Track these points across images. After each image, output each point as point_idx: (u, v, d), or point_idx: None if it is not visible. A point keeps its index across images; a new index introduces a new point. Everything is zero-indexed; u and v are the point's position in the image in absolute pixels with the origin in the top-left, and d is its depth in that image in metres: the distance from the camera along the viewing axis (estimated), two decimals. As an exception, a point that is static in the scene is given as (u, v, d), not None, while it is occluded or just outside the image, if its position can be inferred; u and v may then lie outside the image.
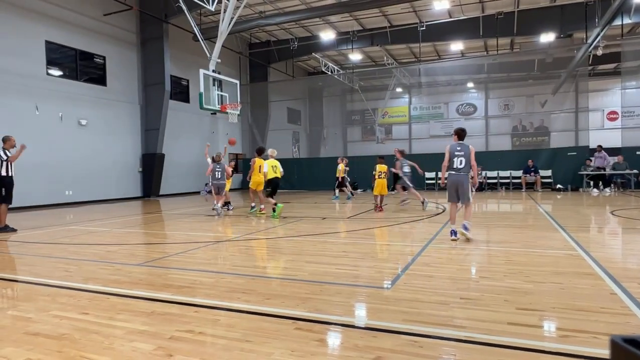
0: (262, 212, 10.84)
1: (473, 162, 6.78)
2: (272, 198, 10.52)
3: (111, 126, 17.06)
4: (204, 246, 6.71)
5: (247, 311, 3.50)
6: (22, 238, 7.90)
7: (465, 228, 6.64)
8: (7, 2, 13.58)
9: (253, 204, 11.53)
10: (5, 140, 8.76)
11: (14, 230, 8.85)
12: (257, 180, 10.79)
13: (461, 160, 6.72)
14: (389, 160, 12.94)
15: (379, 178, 11.24)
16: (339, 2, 17.88)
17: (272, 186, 10.69)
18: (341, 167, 15.65)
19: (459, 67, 25.57)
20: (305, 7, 19.40)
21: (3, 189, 8.61)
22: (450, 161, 6.79)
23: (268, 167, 10.49)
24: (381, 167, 11.37)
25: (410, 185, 12.41)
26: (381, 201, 11.52)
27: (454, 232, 6.68)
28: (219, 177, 11.15)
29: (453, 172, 6.82)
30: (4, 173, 8.58)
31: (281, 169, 10.83)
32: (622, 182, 17.68)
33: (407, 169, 12.57)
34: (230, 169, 12.28)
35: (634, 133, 22.38)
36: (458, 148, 6.74)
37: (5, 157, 8.54)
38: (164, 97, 18.02)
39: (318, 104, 30.27)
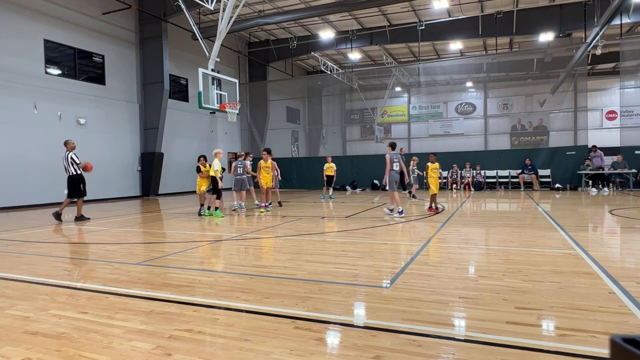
0: (262, 209, 11.47)
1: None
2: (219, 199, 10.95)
3: (110, 125, 17.03)
4: (203, 245, 6.71)
5: (246, 310, 3.50)
6: (21, 237, 7.89)
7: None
8: (6, 1, 13.54)
9: (269, 202, 11.96)
10: (66, 144, 10.30)
11: (88, 219, 10.34)
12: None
13: (397, 164, 10.24)
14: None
15: (432, 176, 10.65)
16: (338, 1, 17.86)
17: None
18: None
19: (458, 67, 25.58)
20: (304, 6, 19.39)
21: (81, 185, 10.15)
22: (392, 164, 10.05)
23: (219, 167, 10.82)
24: (434, 165, 10.73)
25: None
26: (433, 201, 10.81)
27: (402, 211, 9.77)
28: (241, 172, 11.93)
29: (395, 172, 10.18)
30: (78, 172, 10.10)
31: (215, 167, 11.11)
32: (620, 181, 17.72)
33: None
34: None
35: (633, 132, 22.42)
36: (395, 157, 10.20)
37: (79, 161, 10.12)
38: (162, 96, 18.00)
39: (317, 103, 30.27)
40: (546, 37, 19.97)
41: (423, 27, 20.69)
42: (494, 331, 2.92)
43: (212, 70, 13.37)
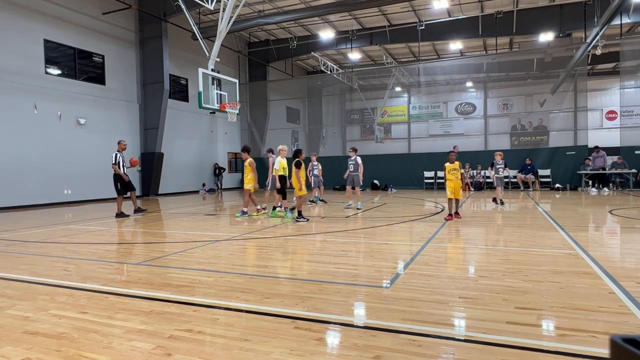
0: (259, 212, 10.78)
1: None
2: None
3: (110, 125, 17.03)
4: (203, 245, 6.71)
5: (246, 310, 3.50)
6: (21, 237, 7.89)
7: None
8: (6, 1, 13.54)
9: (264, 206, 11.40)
10: (118, 143, 11.15)
11: (145, 210, 11.31)
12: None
13: (281, 168, 10.56)
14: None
15: (449, 179, 9.07)
16: (338, 1, 17.86)
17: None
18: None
19: (458, 67, 25.59)
20: (304, 6, 19.39)
21: (118, 184, 10.93)
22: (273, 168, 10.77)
23: (280, 165, 10.48)
24: (452, 165, 9.05)
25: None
26: (456, 206, 9.26)
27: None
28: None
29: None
30: (115, 171, 10.89)
31: (276, 166, 10.79)
32: (620, 181, 17.72)
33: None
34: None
35: (633, 132, 22.41)
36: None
37: (114, 161, 10.81)
38: (163, 96, 18.00)
39: (317, 103, 30.28)
40: (546, 37, 19.97)
41: (423, 27, 20.68)
42: (494, 331, 2.92)
43: (212, 70, 13.37)
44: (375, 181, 20.92)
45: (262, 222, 9.52)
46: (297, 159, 9.45)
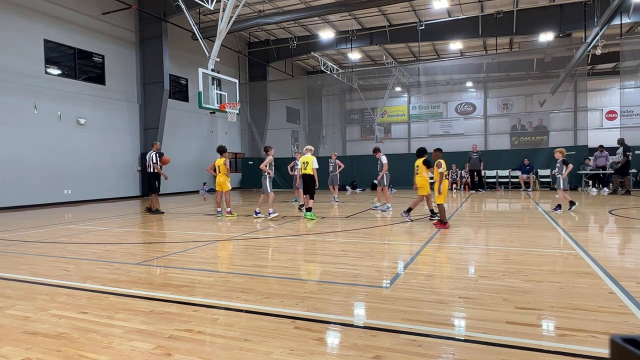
0: (229, 214, 10.58)
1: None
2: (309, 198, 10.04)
3: (110, 125, 17.03)
4: (203, 245, 6.71)
5: (246, 310, 3.50)
6: (21, 237, 7.89)
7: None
8: (6, 1, 13.54)
9: (228, 208, 10.73)
10: (152, 145, 11.92)
11: (162, 212, 11.52)
12: (220, 181, 10.62)
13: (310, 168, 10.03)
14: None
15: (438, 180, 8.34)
16: (338, 1, 17.86)
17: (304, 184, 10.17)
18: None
19: (458, 67, 25.58)
20: (304, 6, 19.39)
21: (156, 182, 11.68)
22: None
23: (300, 164, 10.23)
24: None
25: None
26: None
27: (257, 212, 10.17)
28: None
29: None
30: (155, 170, 11.55)
31: (315, 165, 10.03)
32: (620, 181, 17.69)
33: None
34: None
35: (633, 132, 22.40)
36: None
37: (155, 161, 11.46)
38: (162, 96, 17.99)
39: (317, 103, 30.27)
40: (546, 37, 19.97)
41: (423, 27, 20.69)
42: (494, 331, 2.92)
43: (212, 70, 13.37)
44: (375, 181, 20.90)
45: (261, 222, 9.52)
46: (425, 158, 9.05)
